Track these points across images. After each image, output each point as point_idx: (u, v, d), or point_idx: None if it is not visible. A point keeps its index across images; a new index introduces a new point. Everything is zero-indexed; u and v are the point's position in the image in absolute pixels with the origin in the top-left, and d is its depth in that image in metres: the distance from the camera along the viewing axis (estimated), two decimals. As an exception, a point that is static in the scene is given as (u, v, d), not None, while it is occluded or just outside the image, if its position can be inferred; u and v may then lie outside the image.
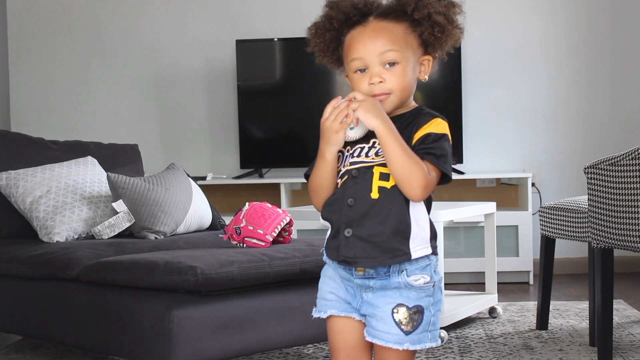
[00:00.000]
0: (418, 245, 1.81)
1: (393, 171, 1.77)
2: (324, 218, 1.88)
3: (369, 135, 1.83)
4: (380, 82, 1.80)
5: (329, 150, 1.82)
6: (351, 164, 1.83)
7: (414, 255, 1.80)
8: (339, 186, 1.85)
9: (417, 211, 1.81)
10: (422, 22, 1.83)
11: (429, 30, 1.83)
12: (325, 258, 1.90)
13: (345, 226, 1.81)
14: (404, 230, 1.79)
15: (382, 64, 1.81)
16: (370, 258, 1.80)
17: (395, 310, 1.81)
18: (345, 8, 1.85)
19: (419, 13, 1.82)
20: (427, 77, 1.88)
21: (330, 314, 1.88)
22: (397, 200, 1.79)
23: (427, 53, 1.87)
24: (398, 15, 1.84)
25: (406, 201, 1.79)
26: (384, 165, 1.79)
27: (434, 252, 1.85)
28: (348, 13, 1.85)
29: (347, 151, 1.85)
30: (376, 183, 1.79)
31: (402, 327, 1.81)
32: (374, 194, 1.79)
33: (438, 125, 1.80)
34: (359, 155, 1.83)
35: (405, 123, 1.82)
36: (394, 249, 1.79)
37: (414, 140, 1.79)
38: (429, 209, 1.86)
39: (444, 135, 1.80)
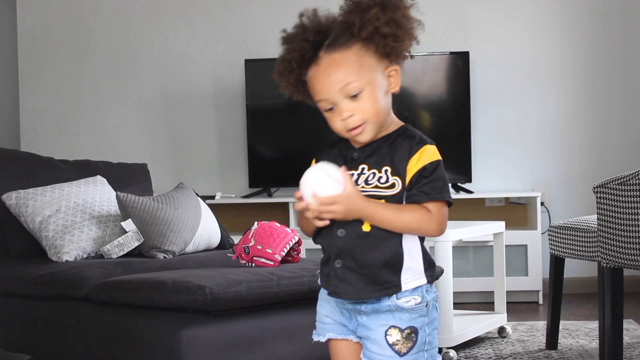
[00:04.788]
0: (410, 277, 1.79)
1: (404, 232, 1.76)
2: (316, 242, 1.87)
3: (358, 162, 1.80)
4: (351, 115, 1.76)
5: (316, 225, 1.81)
6: None
7: (404, 287, 1.78)
8: None
9: (409, 244, 1.79)
10: (373, 39, 1.76)
11: (383, 43, 1.76)
12: (319, 281, 1.89)
13: (335, 257, 1.80)
14: (395, 263, 1.78)
15: (347, 97, 1.75)
16: (360, 291, 1.78)
17: (388, 333, 1.80)
18: (298, 46, 1.79)
19: (366, 32, 1.75)
20: (398, 89, 1.81)
21: (328, 337, 1.88)
22: (388, 233, 1.76)
23: (391, 63, 1.80)
24: (347, 41, 1.77)
25: (400, 235, 1.78)
26: (374, 196, 1.76)
27: (430, 282, 1.82)
28: (301, 50, 1.79)
29: None
30: None
31: (396, 348, 1.79)
32: (366, 227, 1.77)
33: (429, 153, 1.76)
34: None
35: (393, 146, 1.79)
36: (385, 281, 1.77)
37: (410, 174, 1.76)
38: (422, 239, 1.83)
39: (439, 163, 1.77)
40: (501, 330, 4.11)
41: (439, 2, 5.59)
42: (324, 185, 1.72)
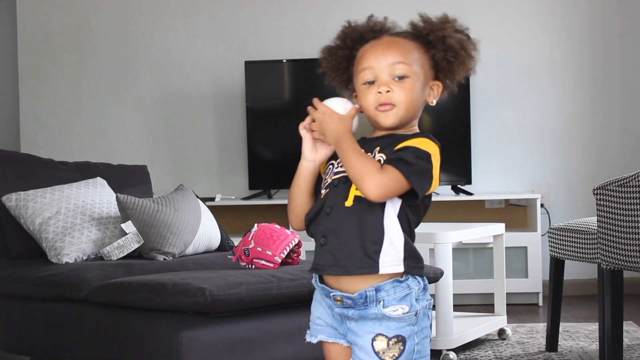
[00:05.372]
0: (389, 261, 1.77)
1: (349, 175, 1.78)
2: (310, 234, 1.88)
3: None
4: (388, 91, 1.81)
5: (300, 163, 1.91)
6: (335, 174, 1.84)
7: (382, 271, 1.77)
8: (322, 196, 1.86)
9: (390, 228, 1.78)
10: (435, 45, 1.84)
11: (442, 53, 1.84)
12: (313, 281, 1.90)
13: (320, 235, 1.82)
14: (375, 243, 1.77)
15: (391, 76, 1.82)
16: (339, 267, 1.79)
17: (375, 340, 1.79)
18: (362, 28, 1.89)
19: (434, 35, 1.84)
20: (434, 102, 1.89)
21: (320, 339, 1.89)
22: (371, 211, 1.77)
23: (438, 79, 1.88)
24: (411, 35, 1.87)
25: (382, 215, 1.77)
26: None
27: (409, 272, 1.80)
28: (363, 33, 1.88)
29: (338, 163, 1.86)
30: (353, 192, 1.79)
31: (382, 357, 1.79)
32: (349, 202, 1.79)
33: (423, 143, 1.78)
34: (341, 166, 1.83)
35: (394, 139, 1.81)
36: (362, 259, 1.77)
37: (394, 149, 1.79)
38: (407, 229, 1.81)
39: (424, 152, 1.77)
40: (501, 332, 4.11)
41: (438, 3, 5.57)
42: (332, 100, 1.88)
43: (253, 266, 3.17)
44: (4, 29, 6.04)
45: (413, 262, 1.81)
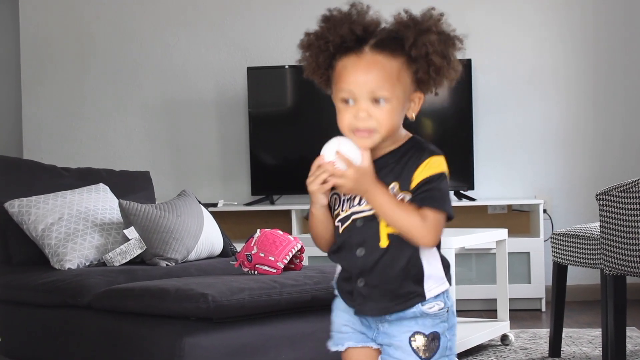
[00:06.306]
0: (433, 284, 1.81)
1: (392, 226, 1.76)
2: (332, 261, 1.87)
3: None
4: (365, 117, 1.74)
5: (314, 207, 1.83)
6: (354, 213, 1.80)
7: (428, 295, 1.80)
8: (340, 231, 1.82)
9: (428, 253, 1.81)
10: (418, 60, 1.75)
11: (424, 69, 1.76)
12: (336, 292, 1.89)
13: (357, 277, 1.81)
14: (416, 274, 1.79)
15: (371, 100, 1.74)
16: (386, 308, 1.80)
17: (412, 339, 1.81)
18: (343, 32, 1.76)
19: (417, 50, 1.74)
20: (414, 116, 1.81)
21: (348, 346, 1.88)
22: (406, 245, 1.77)
23: (419, 89, 1.80)
24: (395, 50, 1.76)
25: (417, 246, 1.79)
26: None
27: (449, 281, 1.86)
28: (344, 36, 1.76)
29: (344, 195, 1.82)
30: (384, 230, 1.77)
31: (420, 354, 1.81)
32: (383, 243, 1.78)
33: (434, 165, 1.76)
34: (359, 203, 1.79)
35: (401, 162, 1.78)
36: (408, 292, 1.79)
37: (413, 184, 1.76)
38: (438, 244, 1.83)
39: (440, 175, 1.76)
40: (504, 338, 4.10)
41: (439, 8, 5.58)
42: (350, 148, 1.76)
43: (256, 272, 3.17)
44: (6, 35, 6.05)
45: (449, 270, 1.86)
